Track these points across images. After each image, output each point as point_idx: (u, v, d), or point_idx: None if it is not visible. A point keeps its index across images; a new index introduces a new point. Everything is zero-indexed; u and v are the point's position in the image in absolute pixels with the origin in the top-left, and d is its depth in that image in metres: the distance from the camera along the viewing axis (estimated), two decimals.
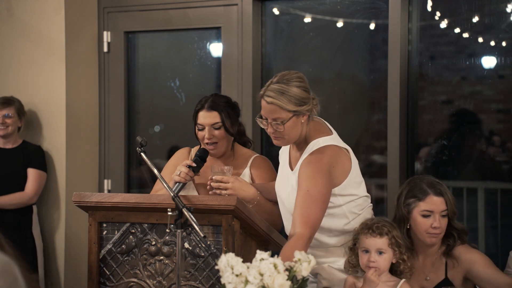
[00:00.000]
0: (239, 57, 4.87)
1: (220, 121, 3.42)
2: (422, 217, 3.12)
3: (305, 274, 2.64)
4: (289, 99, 3.00)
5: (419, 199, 3.13)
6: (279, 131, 3.04)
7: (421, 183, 3.17)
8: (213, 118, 3.42)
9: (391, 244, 2.98)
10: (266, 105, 3.03)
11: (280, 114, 3.01)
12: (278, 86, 3.02)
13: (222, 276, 2.56)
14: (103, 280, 3.15)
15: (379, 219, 3.05)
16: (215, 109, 3.43)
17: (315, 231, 2.99)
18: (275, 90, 3.01)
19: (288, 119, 3.01)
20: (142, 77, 5.33)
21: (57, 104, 5.06)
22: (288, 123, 3.02)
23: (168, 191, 2.94)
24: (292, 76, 3.05)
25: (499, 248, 4.24)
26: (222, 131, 3.43)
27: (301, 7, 4.85)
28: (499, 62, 4.35)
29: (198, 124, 3.45)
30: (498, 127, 4.44)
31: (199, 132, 3.46)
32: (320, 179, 3.01)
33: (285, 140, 3.10)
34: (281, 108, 3.00)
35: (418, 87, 4.52)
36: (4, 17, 5.19)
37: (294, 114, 3.01)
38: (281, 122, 3.01)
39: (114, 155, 5.29)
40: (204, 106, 3.44)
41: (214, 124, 3.42)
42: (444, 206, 3.12)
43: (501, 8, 4.32)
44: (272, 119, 3.03)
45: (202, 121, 3.43)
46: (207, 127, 3.42)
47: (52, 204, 5.08)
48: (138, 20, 5.21)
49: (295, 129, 3.05)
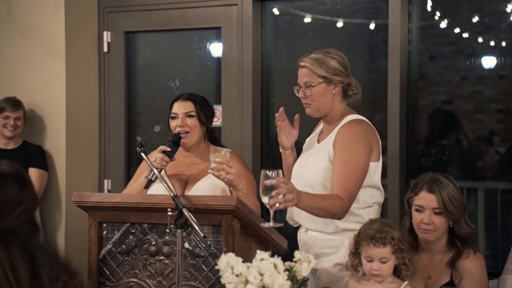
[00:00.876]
0: (239, 57, 4.87)
1: (194, 111, 3.43)
2: (416, 211, 3.13)
3: (305, 274, 2.64)
4: (321, 66, 3.16)
5: (415, 194, 3.15)
6: (308, 95, 3.17)
7: (421, 179, 3.18)
8: (187, 108, 3.43)
9: (394, 251, 2.98)
10: (300, 69, 3.21)
11: (310, 78, 3.16)
12: (316, 55, 3.20)
13: (222, 276, 2.56)
14: (103, 280, 3.15)
15: (380, 225, 3.00)
16: (191, 100, 3.46)
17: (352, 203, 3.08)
18: (311, 58, 3.19)
19: (317, 83, 3.15)
20: (142, 77, 5.33)
21: (57, 104, 5.06)
22: (317, 88, 3.16)
23: (169, 191, 2.94)
24: (332, 50, 3.22)
25: (499, 248, 4.24)
26: (195, 121, 3.43)
27: (301, 7, 4.85)
28: (499, 62, 4.35)
29: (172, 113, 3.44)
30: (498, 127, 4.44)
31: (172, 122, 3.44)
32: (359, 147, 3.12)
33: (314, 108, 3.20)
34: (311, 72, 3.16)
35: (418, 87, 4.52)
36: (4, 17, 5.19)
37: (324, 80, 3.16)
38: (310, 85, 3.15)
39: (114, 155, 5.29)
40: (180, 97, 3.47)
41: (187, 112, 3.42)
42: (436, 203, 3.09)
43: (501, 8, 4.32)
44: (304, 83, 3.18)
45: (176, 110, 3.43)
46: (181, 115, 3.42)
47: (53, 204, 5.08)
48: (138, 20, 5.21)
49: (324, 97, 3.18)
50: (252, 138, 4.84)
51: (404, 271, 3.00)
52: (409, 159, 4.47)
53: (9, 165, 2.02)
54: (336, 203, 3.02)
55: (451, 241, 3.16)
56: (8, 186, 1.97)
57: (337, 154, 3.11)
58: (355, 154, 3.10)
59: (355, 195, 3.09)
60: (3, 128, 4.94)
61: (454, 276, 3.11)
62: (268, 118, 4.91)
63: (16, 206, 1.97)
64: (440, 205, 3.09)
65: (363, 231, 3.03)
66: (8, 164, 2.02)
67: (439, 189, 3.11)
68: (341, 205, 3.03)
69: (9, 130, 4.93)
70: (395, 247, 2.96)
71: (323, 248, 3.24)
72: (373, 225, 3.02)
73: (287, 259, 2.69)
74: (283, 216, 3.48)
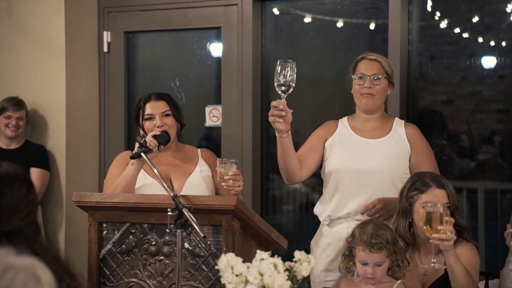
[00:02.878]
0: (239, 57, 4.87)
1: (169, 109, 3.44)
2: (423, 208, 3.13)
3: (305, 274, 2.64)
4: (388, 64, 3.52)
5: (421, 191, 3.15)
6: (375, 86, 3.45)
7: (424, 177, 3.19)
8: (162, 107, 3.44)
9: (389, 255, 3.00)
10: (369, 62, 3.48)
11: (380, 71, 3.47)
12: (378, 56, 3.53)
13: (222, 276, 2.56)
14: (103, 280, 3.15)
15: (374, 229, 3.02)
16: (163, 99, 3.46)
17: None
18: (378, 56, 3.51)
19: (384, 78, 3.46)
20: (142, 77, 5.33)
21: (57, 104, 5.07)
22: (383, 83, 3.47)
23: (169, 192, 2.94)
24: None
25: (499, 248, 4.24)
26: (172, 119, 3.44)
27: (301, 7, 4.85)
28: (499, 62, 4.35)
29: (147, 115, 3.43)
30: (498, 127, 4.44)
31: (148, 123, 3.43)
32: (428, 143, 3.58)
33: (374, 99, 3.47)
34: (382, 67, 3.47)
35: (418, 87, 4.52)
36: (4, 17, 5.19)
37: (388, 78, 3.49)
38: (379, 78, 3.45)
39: (114, 155, 5.26)
40: (151, 97, 3.46)
41: (164, 112, 3.43)
42: (446, 199, 3.13)
43: (501, 8, 4.32)
44: (372, 74, 3.46)
45: (151, 111, 3.43)
46: (158, 115, 3.42)
47: (54, 204, 5.08)
48: (138, 20, 5.21)
49: (383, 94, 3.50)
50: (252, 138, 4.84)
51: (397, 273, 3.03)
52: None
53: (12, 166, 2.02)
54: None
55: None
56: (16, 187, 1.97)
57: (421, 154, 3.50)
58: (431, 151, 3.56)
59: None
60: (5, 128, 4.94)
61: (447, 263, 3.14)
62: (268, 118, 4.90)
63: (24, 207, 1.97)
64: (451, 199, 3.15)
65: (356, 235, 3.04)
66: (11, 166, 2.02)
67: (446, 184, 3.17)
68: None
69: (11, 130, 4.93)
70: (390, 250, 2.99)
71: None
72: (366, 228, 3.04)
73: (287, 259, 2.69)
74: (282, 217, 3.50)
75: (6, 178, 1.98)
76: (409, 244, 3.21)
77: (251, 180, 4.76)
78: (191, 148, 3.60)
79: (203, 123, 5.04)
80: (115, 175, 3.42)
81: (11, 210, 1.95)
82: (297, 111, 4.66)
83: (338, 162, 3.49)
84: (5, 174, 1.98)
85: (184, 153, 3.53)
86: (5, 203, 1.95)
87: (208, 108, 5.02)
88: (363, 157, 3.45)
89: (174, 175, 3.44)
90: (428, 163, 3.48)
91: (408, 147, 3.48)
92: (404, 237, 3.19)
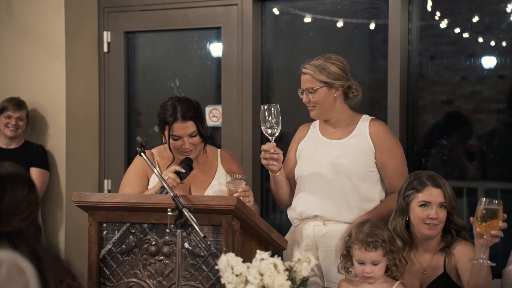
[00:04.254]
0: (239, 57, 4.87)
1: (196, 129, 3.41)
2: (420, 207, 3.15)
3: (305, 274, 2.64)
4: (322, 72, 3.42)
5: (417, 190, 3.17)
6: (311, 99, 3.42)
7: (421, 176, 3.21)
8: (190, 128, 3.39)
9: (385, 254, 3.01)
10: (303, 76, 3.47)
11: (312, 83, 3.42)
12: (317, 61, 3.46)
13: (222, 276, 2.56)
14: (103, 280, 3.15)
15: (370, 228, 3.05)
16: (190, 119, 3.39)
17: None
18: (312, 64, 3.45)
19: (319, 88, 3.41)
20: (142, 77, 5.32)
21: (57, 104, 5.06)
22: (319, 92, 3.42)
23: (169, 191, 2.94)
24: (332, 56, 3.49)
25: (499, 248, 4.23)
26: (198, 138, 3.42)
27: (301, 7, 4.85)
28: (499, 62, 4.35)
29: (173, 136, 3.40)
30: (498, 127, 4.44)
31: (175, 142, 3.40)
32: (396, 139, 3.55)
33: (317, 110, 3.46)
34: (313, 78, 3.42)
35: (418, 87, 4.52)
36: (4, 17, 5.19)
37: (325, 85, 3.41)
38: (313, 90, 3.41)
39: (114, 155, 5.29)
40: (178, 118, 3.38)
41: (191, 133, 3.40)
42: (442, 198, 3.15)
43: (501, 8, 4.32)
44: (306, 88, 3.44)
45: (179, 132, 3.38)
46: (185, 138, 3.39)
47: (54, 204, 5.08)
48: (138, 20, 5.21)
49: (326, 100, 3.44)
50: (252, 138, 4.84)
51: (395, 272, 3.04)
52: (409, 159, 4.47)
53: (14, 166, 2.02)
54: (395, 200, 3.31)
55: (443, 236, 3.22)
56: (17, 187, 1.97)
57: (384, 152, 3.45)
58: (398, 148, 3.51)
59: None
60: (4, 128, 4.94)
61: (447, 261, 3.17)
62: None
63: (25, 208, 1.97)
64: (447, 199, 3.16)
65: (353, 234, 3.06)
66: (13, 166, 2.01)
67: (442, 183, 3.18)
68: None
69: (11, 130, 4.93)
70: (386, 249, 3.00)
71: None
72: (363, 227, 3.06)
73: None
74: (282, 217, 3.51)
75: (7, 178, 1.97)
76: (406, 243, 3.22)
77: (251, 180, 4.76)
78: (211, 149, 3.59)
79: None
80: (131, 184, 3.42)
81: (12, 211, 1.94)
82: (297, 111, 4.67)
83: (303, 166, 3.55)
84: (7, 174, 1.98)
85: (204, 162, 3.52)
86: (6, 203, 1.94)
87: (208, 108, 5.02)
88: (326, 158, 3.48)
89: (194, 185, 3.46)
90: (392, 161, 3.46)
91: (371, 145, 3.46)
92: (401, 236, 3.21)
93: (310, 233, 3.47)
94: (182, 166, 3.29)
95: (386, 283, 3.04)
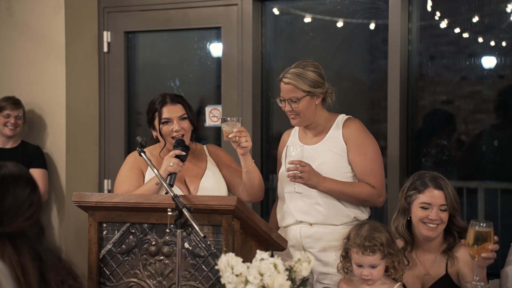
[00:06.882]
0: (239, 57, 4.87)
1: (186, 113, 3.44)
2: (421, 209, 3.15)
3: (305, 274, 2.64)
4: (304, 80, 3.41)
5: (419, 191, 3.17)
6: (295, 108, 3.42)
7: (423, 177, 3.20)
8: (179, 111, 3.43)
9: (383, 257, 3.01)
10: (284, 85, 3.45)
11: (296, 93, 3.41)
12: (296, 70, 3.44)
13: (222, 276, 2.56)
14: (103, 280, 3.15)
15: (369, 231, 3.05)
16: (179, 102, 3.46)
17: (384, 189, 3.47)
18: (292, 73, 3.44)
19: (302, 97, 3.40)
20: (142, 77, 5.32)
21: (57, 104, 5.06)
22: (303, 102, 3.41)
23: (169, 191, 2.94)
24: (308, 63, 3.48)
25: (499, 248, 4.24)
26: (188, 123, 3.44)
27: (301, 7, 4.85)
28: (499, 62, 4.35)
29: (164, 119, 3.41)
30: (498, 127, 4.44)
31: (165, 127, 3.41)
32: (370, 138, 3.48)
33: (300, 119, 3.46)
34: (296, 88, 3.41)
35: (418, 87, 4.52)
36: (4, 17, 5.19)
37: (308, 94, 3.41)
38: (296, 100, 3.40)
39: (114, 155, 5.29)
40: (167, 101, 3.44)
41: (181, 116, 3.42)
42: (443, 200, 3.14)
43: (501, 8, 4.32)
44: (289, 98, 3.42)
45: (169, 115, 3.41)
46: (175, 119, 3.41)
47: (53, 204, 5.08)
48: (138, 20, 5.21)
49: (309, 109, 3.44)
50: (252, 138, 4.83)
51: (394, 275, 3.04)
52: (409, 159, 4.47)
53: (17, 166, 2.01)
54: (364, 190, 3.38)
55: (445, 237, 3.22)
56: (19, 188, 1.96)
57: (353, 150, 3.43)
58: (370, 146, 3.45)
59: (383, 181, 3.43)
60: (3, 127, 4.94)
61: (449, 264, 3.17)
62: (268, 118, 4.91)
63: (27, 208, 1.96)
64: (448, 201, 3.15)
65: (351, 237, 3.06)
66: (15, 166, 2.01)
67: (444, 185, 3.17)
68: (371, 192, 3.39)
69: (10, 128, 4.93)
70: (385, 252, 3.00)
71: (332, 241, 3.37)
72: (361, 230, 3.06)
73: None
74: None
75: (10, 178, 1.97)
76: (408, 242, 3.22)
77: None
78: (197, 145, 3.61)
79: (203, 123, 5.04)
80: (128, 179, 3.43)
81: (14, 211, 1.93)
82: None
83: (281, 173, 3.55)
84: (9, 174, 1.97)
85: (194, 153, 3.54)
86: (8, 203, 1.93)
87: (208, 108, 5.02)
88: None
89: (188, 177, 3.45)
90: (360, 159, 3.42)
91: (344, 146, 3.45)
92: (403, 235, 3.21)
93: (297, 234, 3.47)
94: (180, 149, 3.31)
95: (386, 284, 3.04)
